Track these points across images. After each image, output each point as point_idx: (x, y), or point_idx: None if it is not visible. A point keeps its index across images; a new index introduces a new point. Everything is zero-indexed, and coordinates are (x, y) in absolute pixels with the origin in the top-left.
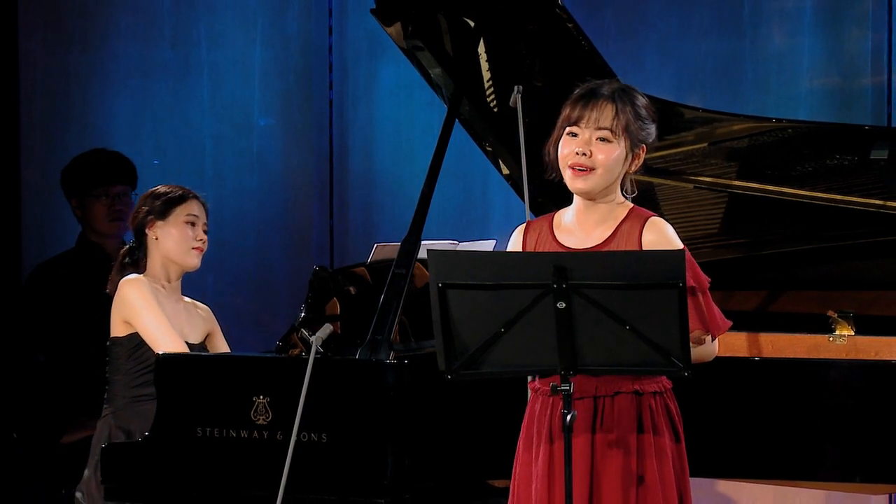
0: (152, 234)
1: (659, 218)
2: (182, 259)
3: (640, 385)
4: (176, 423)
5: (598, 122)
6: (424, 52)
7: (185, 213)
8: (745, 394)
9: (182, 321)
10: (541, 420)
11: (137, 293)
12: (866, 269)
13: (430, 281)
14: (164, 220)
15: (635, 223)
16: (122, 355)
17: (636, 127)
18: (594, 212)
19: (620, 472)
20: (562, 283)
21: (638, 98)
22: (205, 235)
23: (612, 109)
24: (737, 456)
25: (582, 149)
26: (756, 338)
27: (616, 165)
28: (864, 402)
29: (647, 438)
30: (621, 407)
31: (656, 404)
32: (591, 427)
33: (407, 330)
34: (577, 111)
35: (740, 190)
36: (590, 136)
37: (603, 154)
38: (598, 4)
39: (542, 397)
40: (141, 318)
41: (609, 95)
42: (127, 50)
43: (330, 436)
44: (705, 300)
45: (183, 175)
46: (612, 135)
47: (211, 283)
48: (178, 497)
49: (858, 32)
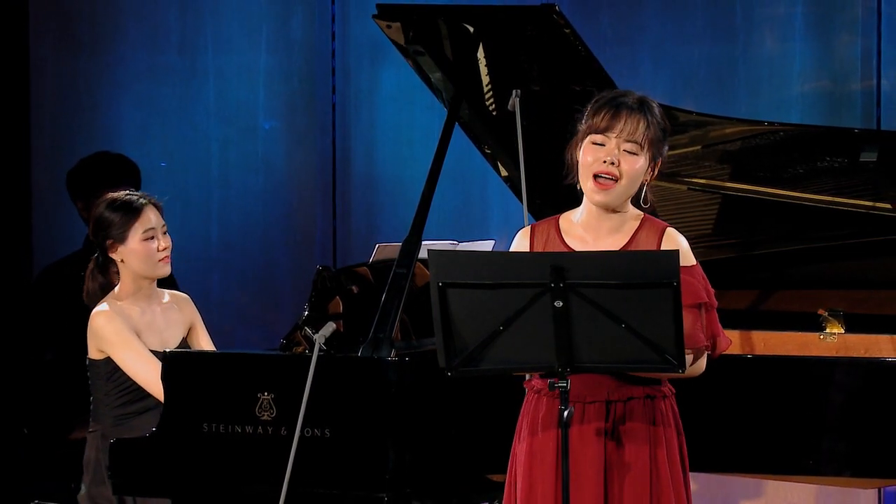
0: (117, 256)
1: (674, 229)
2: (151, 273)
3: (652, 390)
4: (182, 418)
5: (627, 134)
6: (425, 57)
7: (142, 229)
8: (737, 390)
9: (160, 328)
10: (545, 422)
11: (111, 329)
12: (856, 269)
13: (430, 280)
14: (123, 244)
15: (651, 233)
16: (101, 377)
17: (659, 141)
18: (607, 220)
19: (636, 469)
20: (559, 283)
21: (658, 111)
22: (167, 241)
23: (644, 122)
24: (730, 450)
25: (610, 157)
26: (749, 336)
27: (638, 177)
28: (853, 398)
29: (658, 432)
30: (633, 410)
31: (665, 407)
32: (604, 430)
33: (408, 328)
34: (606, 121)
35: (733, 191)
36: (617, 147)
37: (628, 165)
38: (595, 10)
39: (547, 398)
40: (119, 354)
41: (638, 108)
42: (135, 55)
43: (333, 431)
44: (714, 318)
45: (189, 177)
46: (639, 147)
47: (216, 282)
48: (184, 491)
49: (848, 38)
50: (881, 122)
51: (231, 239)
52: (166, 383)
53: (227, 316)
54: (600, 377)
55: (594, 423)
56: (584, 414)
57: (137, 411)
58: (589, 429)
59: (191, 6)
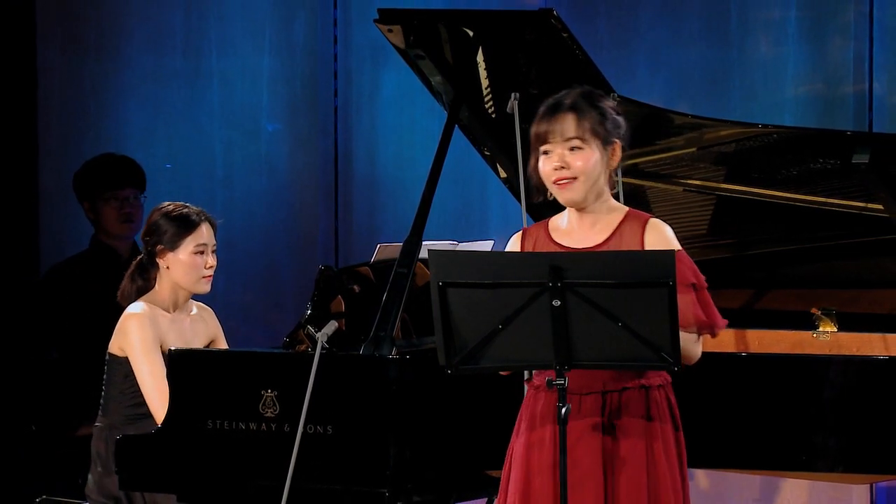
0: (163, 262)
1: (658, 220)
2: (192, 287)
3: (647, 380)
4: (188, 415)
5: (564, 134)
6: (425, 61)
7: (195, 243)
8: (732, 388)
9: (187, 338)
10: (543, 415)
11: (139, 335)
12: (848, 269)
13: (430, 280)
14: (173, 252)
15: (635, 225)
16: (119, 373)
17: (602, 127)
18: (588, 216)
19: (633, 461)
20: (557, 282)
21: (599, 99)
22: (214, 260)
23: (575, 117)
24: (725, 447)
25: (559, 162)
26: (743, 334)
27: (595, 168)
28: (846, 395)
29: (654, 427)
30: (629, 400)
31: (660, 396)
32: (601, 422)
33: (409, 326)
34: (544, 128)
35: (727, 192)
36: (562, 149)
37: (580, 161)
38: (592, 15)
39: (546, 394)
40: (135, 358)
41: (568, 106)
42: (140, 58)
43: (335, 428)
44: (707, 297)
45: (193, 178)
46: (581, 142)
47: (221, 282)
48: (189, 486)
49: (841, 42)
50: (873, 125)
51: (235, 239)
52: (172, 381)
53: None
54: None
55: (591, 416)
56: (580, 406)
57: (148, 413)
58: (586, 422)
59: (195, 10)
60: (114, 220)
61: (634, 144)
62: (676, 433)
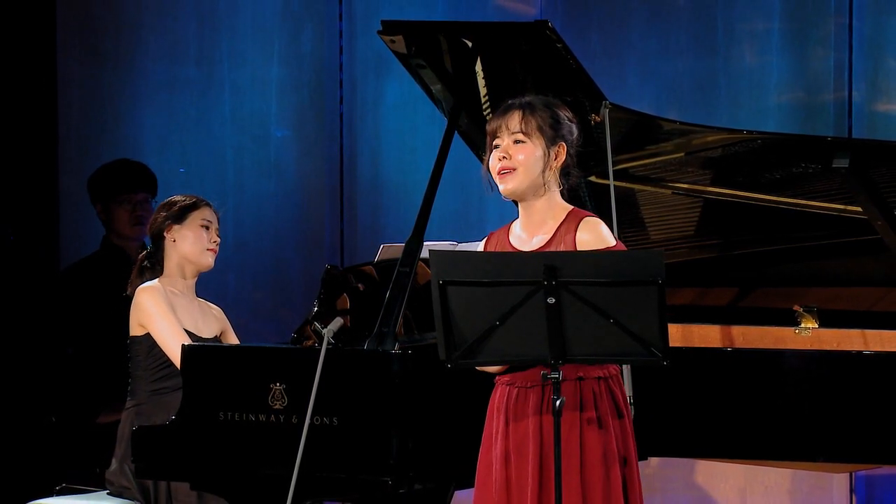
0: (170, 237)
1: (594, 217)
2: (198, 259)
3: (584, 372)
4: (200, 407)
5: (510, 128)
6: (426, 70)
7: (200, 217)
8: (718, 381)
9: (196, 317)
10: (499, 408)
11: (152, 301)
12: (829, 268)
13: (431, 278)
14: (180, 224)
15: (571, 224)
16: (142, 353)
17: (550, 127)
18: (532, 212)
19: (565, 446)
20: (552, 281)
21: (556, 105)
22: (218, 238)
23: (520, 114)
24: (710, 437)
25: (503, 153)
26: (728, 330)
27: (536, 163)
28: (826, 388)
29: (589, 415)
30: (565, 392)
31: (599, 388)
32: (539, 411)
33: (410, 323)
34: (495, 122)
35: (714, 196)
36: (507, 142)
37: (522, 154)
38: (585, 27)
39: (501, 387)
40: (155, 324)
41: (518, 104)
42: (155, 67)
43: (340, 419)
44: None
45: (206, 182)
46: (524, 136)
47: (232, 280)
48: (202, 475)
49: (822, 52)
50: (852, 131)
51: (245, 240)
52: (185, 374)
53: (241, 312)
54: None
55: (533, 404)
56: (527, 398)
57: (172, 387)
58: (529, 411)
59: (208, 21)
60: (125, 222)
61: (625, 150)
62: (619, 421)
